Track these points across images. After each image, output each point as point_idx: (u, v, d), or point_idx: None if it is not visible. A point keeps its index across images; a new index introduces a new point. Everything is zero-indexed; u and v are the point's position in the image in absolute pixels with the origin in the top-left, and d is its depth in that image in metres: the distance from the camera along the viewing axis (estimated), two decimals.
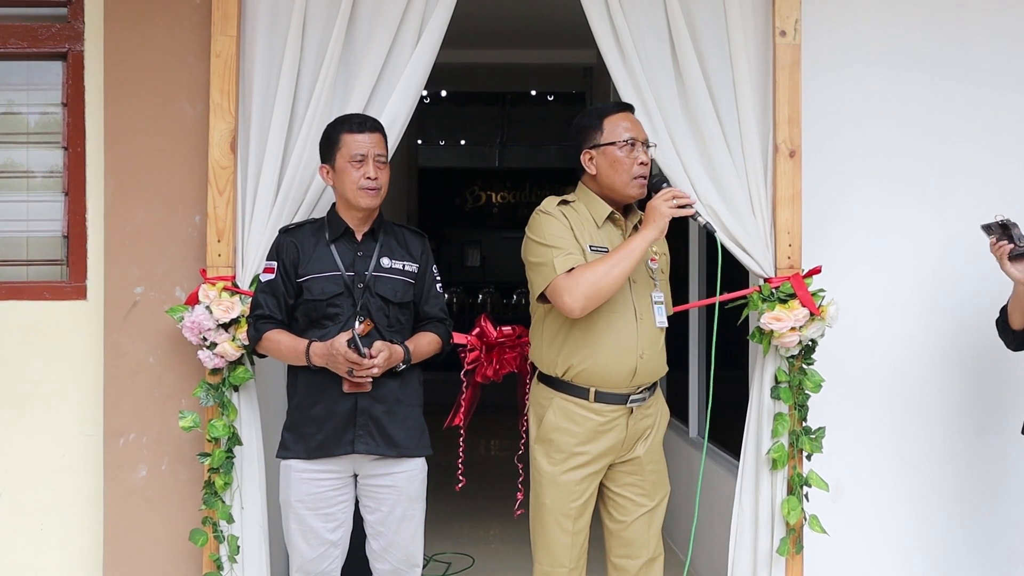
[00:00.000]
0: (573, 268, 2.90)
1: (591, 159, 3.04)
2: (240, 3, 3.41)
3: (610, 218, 3.05)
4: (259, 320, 3.08)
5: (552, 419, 3.03)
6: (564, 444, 3.01)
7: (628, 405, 3.02)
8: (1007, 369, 3.52)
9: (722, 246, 3.18)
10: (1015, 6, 3.69)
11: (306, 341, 3.00)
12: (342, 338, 2.91)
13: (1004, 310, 3.26)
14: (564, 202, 3.07)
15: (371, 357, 2.91)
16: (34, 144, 3.73)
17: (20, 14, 3.66)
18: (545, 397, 3.07)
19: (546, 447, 3.03)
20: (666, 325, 3.09)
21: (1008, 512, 3.68)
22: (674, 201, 2.92)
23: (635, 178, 3.00)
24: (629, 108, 3.12)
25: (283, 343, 3.04)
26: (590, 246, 2.99)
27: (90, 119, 3.60)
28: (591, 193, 3.08)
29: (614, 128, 3.01)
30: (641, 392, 3.05)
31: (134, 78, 3.50)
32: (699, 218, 3.03)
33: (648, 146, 3.05)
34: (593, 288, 2.87)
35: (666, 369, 3.14)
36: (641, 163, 3.00)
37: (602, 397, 3.00)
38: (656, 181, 3.04)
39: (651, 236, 2.91)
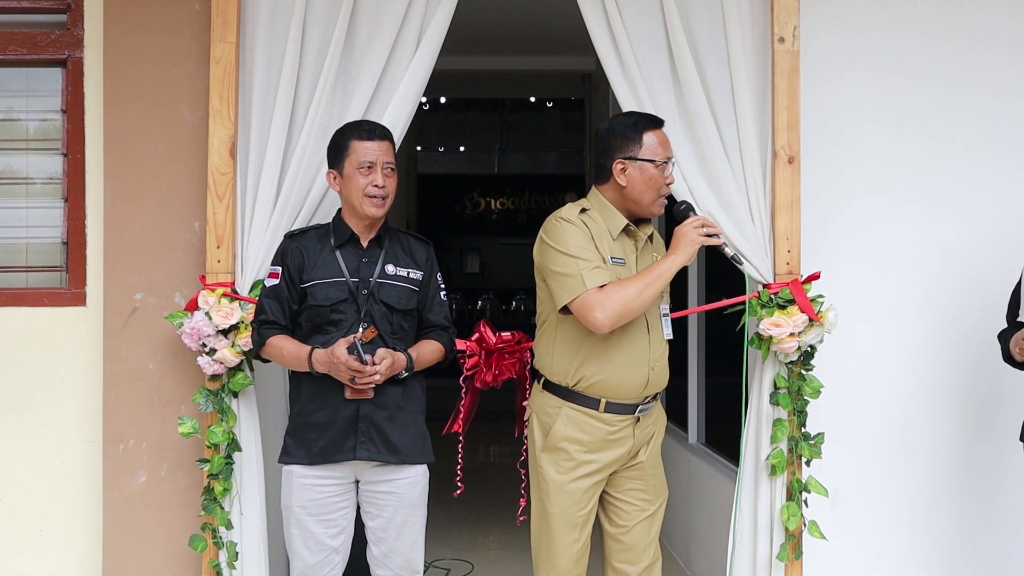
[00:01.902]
0: (604, 285, 2.90)
1: (623, 170, 2.99)
2: (239, 10, 3.41)
3: (624, 230, 3.04)
4: (263, 325, 3.07)
5: (561, 428, 3.01)
6: (573, 453, 3.00)
7: (636, 415, 3.03)
8: (1005, 375, 3.51)
9: (717, 250, 3.19)
10: (1013, 12, 3.70)
11: (308, 347, 2.99)
12: (342, 345, 2.90)
13: (1005, 336, 3.24)
14: (583, 210, 3.03)
15: (373, 364, 2.91)
16: (34, 150, 3.73)
17: (20, 21, 3.67)
18: (552, 406, 3.04)
19: (554, 456, 3.01)
20: (671, 337, 3.12)
21: (1006, 518, 3.68)
22: (704, 229, 2.98)
23: (661, 196, 3.03)
24: (662, 123, 3.10)
25: (286, 349, 3.03)
26: (611, 258, 2.98)
27: (90, 125, 3.60)
28: (606, 202, 3.04)
29: (653, 145, 2.99)
30: (648, 402, 3.07)
31: (134, 84, 3.51)
32: (726, 248, 3.10)
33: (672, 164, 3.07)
34: (624, 307, 2.89)
35: (668, 379, 3.15)
36: (669, 183, 3.03)
37: (612, 408, 2.99)
38: (684, 208, 3.09)
39: (680, 261, 2.96)
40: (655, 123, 3.05)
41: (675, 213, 3.10)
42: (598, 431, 2.99)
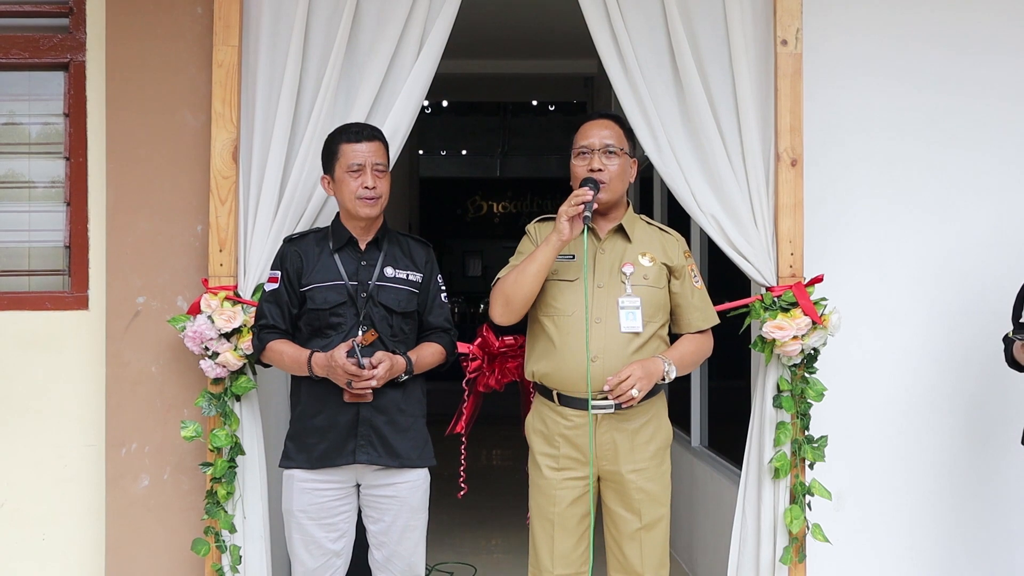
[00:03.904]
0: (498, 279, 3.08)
1: (571, 172, 3.12)
2: (242, 13, 3.42)
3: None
4: (263, 330, 3.08)
5: (530, 420, 3.15)
6: (536, 445, 3.09)
7: (590, 411, 2.96)
8: (1008, 378, 3.51)
9: (720, 254, 3.19)
10: (1015, 16, 3.69)
11: (308, 351, 2.99)
12: (342, 349, 2.90)
13: (1009, 341, 3.22)
14: (548, 219, 3.16)
15: (371, 368, 2.90)
16: (36, 154, 3.73)
17: (22, 25, 3.67)
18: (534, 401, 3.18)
19: (530, 451, 3.13)
20: (637, 330, 2.98)
21: (1009, 521, 3.67)
22: (573, 201, 2.94)
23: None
24: (602, 115, 3.13)
25: (286, 353, 3.03)
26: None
27: (92, 129, 3.61)
28: None
29: (576, 141, 3.10)
30: (605, 398, 2.95)
31: (136, 88, 3.51)
32: (586, 214, 2.95)
33: (611, 152, 3.04)
34: (504, 295, 3.03)
35: None
36: (590, 169, 3.02)
37: (565, 400, 3.03)
38: (581, 183, 3.01)
39: (553, 239, 2.97)
40: (585, 119, 3.13)
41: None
42: (556, 424, 3.04)
